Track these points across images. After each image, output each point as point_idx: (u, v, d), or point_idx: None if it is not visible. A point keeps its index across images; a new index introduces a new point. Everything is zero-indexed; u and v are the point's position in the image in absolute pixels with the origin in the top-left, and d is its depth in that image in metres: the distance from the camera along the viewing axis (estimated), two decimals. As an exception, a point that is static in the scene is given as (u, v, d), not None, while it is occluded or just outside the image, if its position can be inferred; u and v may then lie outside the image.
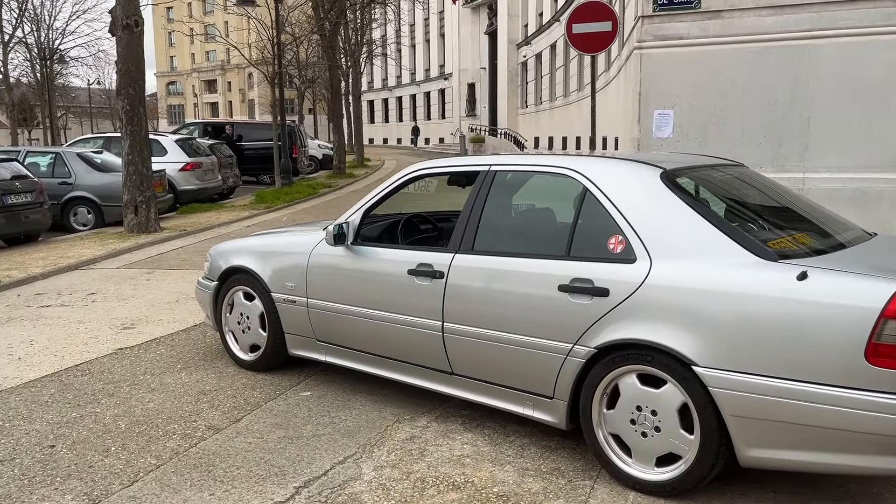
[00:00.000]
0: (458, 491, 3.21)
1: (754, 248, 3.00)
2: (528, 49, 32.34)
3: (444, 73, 51.96)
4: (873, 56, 7.60)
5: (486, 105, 43.64)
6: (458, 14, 46.23)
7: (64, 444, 3.76)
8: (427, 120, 54.99)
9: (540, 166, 3.76)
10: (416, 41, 56.32)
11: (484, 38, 44.02)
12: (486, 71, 43.94)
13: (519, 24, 35.13)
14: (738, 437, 2.91)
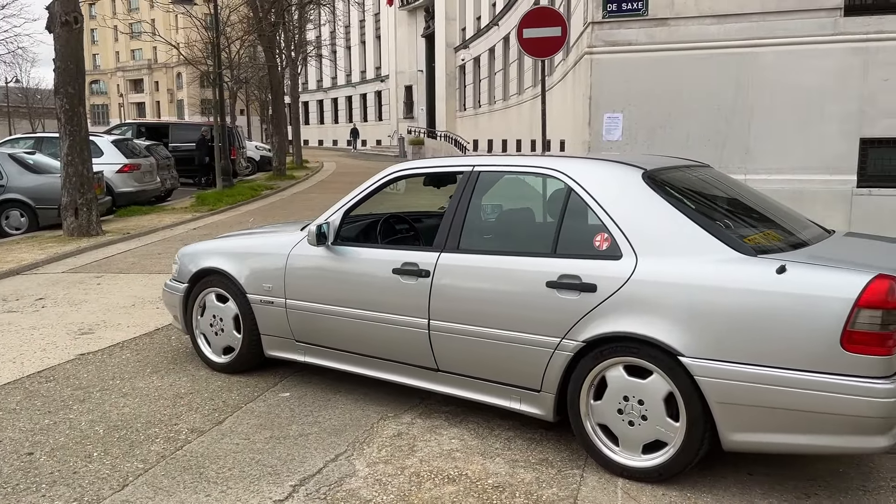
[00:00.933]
0: (454, 483, 3.29)
1: (734, 244, 3.19)
2: (466, 52, 32.60)
3: (381, 75, 51.81)
4: (809, 64, 8.05)
5: (424, 107, 43.73)
6: (394, 16, 46.22)
7: (42, 451, 3.66)
8: (364, 122, 54.73)
9: (523, 167, 3.88)
10: (351, 43, 55.99)
11: (421, 41, 44.09)
12: (423, 73, 44.03)
13: (456, 28, 35.36)
14: (723, 423, 3.08)
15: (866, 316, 2.81)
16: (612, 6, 8.60)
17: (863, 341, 2.82)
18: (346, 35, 56.07)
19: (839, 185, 8.07)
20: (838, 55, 7.96)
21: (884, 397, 2.80)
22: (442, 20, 36.10)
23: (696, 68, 8.36)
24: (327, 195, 17.77)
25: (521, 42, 9.70)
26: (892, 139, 7.93)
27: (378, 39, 52.57)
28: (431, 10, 41.00)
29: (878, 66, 7.84)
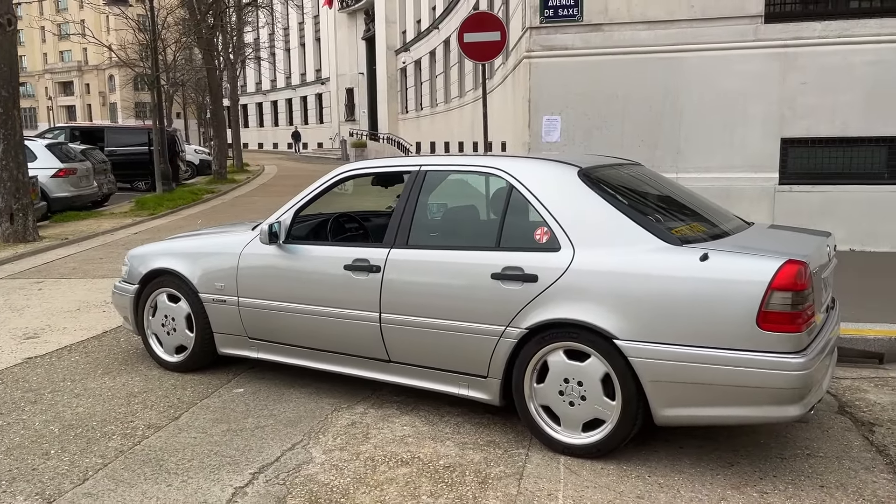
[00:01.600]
0: (407, 466, 3.47)
1: (662, 235, 3.46)
2: (407, 55, 32.80)
3: (321, 77, 51.57)
4: (733, 68, 8.51)
5: (366, 110, 43.76)
6: (333, 19, 46.08)
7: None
8: (305, 124, 54.35)
9: (468, 166, 4.09)
10: (290, 45, 55.54)
11: (362, 44, 44.11)
12: (364, 76, 44.06)
13: (397, 31, 35.53)
14: (655, 400, 3.35)
15: (778, 297, 3.11)
16: (548, 12, 8.91)
17: (776, 320, 3.12)
18: (286, 37, 55.62)
19: (763, 183, 8.55)
20: (759, 60, 8.44)
21: (796, 370, 3.11)
22: (382, 23, 36.21)
23: (629, 72, 8.74)
24: (270, 198, 17.73)
25: (462, 46, 9.93)
26: (810, 139, 8.45)
27: (318, 42, 52.32)
28: (371, 13, 41.08)
29: (796, 71, 8.34)
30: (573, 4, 8.83)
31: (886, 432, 3.84)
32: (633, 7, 8.65)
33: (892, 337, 5.19)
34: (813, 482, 3.29)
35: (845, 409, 4.19)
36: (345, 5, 45.24)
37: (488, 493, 3.20)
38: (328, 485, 3.29)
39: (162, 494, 3.22)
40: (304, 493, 3.21)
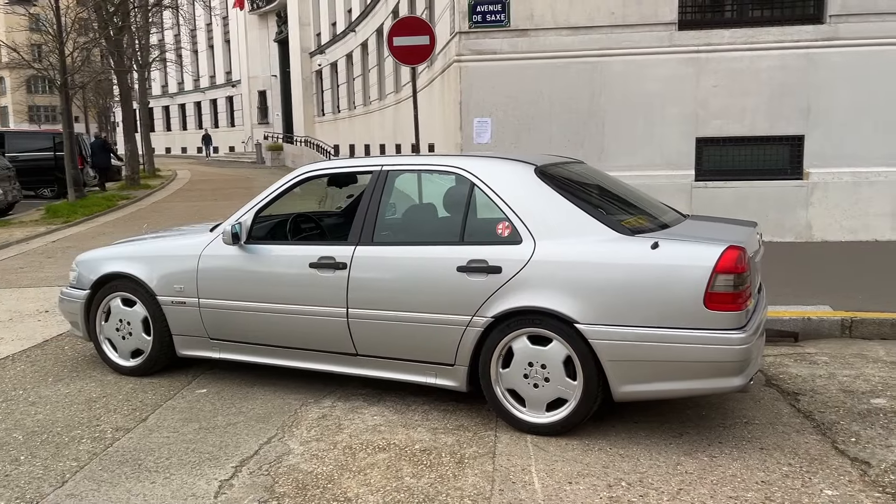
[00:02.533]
0: (384, 452, 3.64)
1: (615, 226, 3.76)
2: (322, 58, 32.52)
3: (232, 80, 50.45)
4: (651, 72, 9.02)
5: (280, 113, 43.09)
6: (244, 21, 45.22)
7: (-37, 460, 3.64)
8: (215, 128, 53.03)
9: (429, 165, 4.29)
10: (198, 47, 54.08)
11: (274, 46, 43.40)
12: (277, 78, 43.39)
13: (311, 33, 35.17)
14: (614, 378, 3.64)
15: (722, 280, 3.45)
16: (477, 17, 9.20)
17: (720, 300, 3.46)
18: (193, 39, 54.13)
19: (681, 180, 9.10)
20: (675, 64, 8.99)
21: (738, 345, 3.45)
22: (296, 25, 35.78)
23: (555, 75, 9.13)
24: (190, 203, 17.36)
25: (391, 50, 10.08)
26: (722, 138, 9.06)
27: (227, 44, 51.17)
28: (283, 15, 40.52)
29: (709, 74, 8.94)
30: (500, 10, 9.15)
31: (810, 400, 4.26)
32: (557, 14, 9.04)
33: (805, 317, 5.71)
34: (753, 445, 3.65)
35: (772, 381, 4.61)
36: (255, 7, 44.48)
37: (466, 471, 3.41)
38: (312, 473, 3.42)
39: (147, 491, 3.27)
40: (290, 482, 3.33)
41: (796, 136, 8.93)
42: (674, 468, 3.41)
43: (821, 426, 3.87)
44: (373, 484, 3.29)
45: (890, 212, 8.82)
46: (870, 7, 8.61)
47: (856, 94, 8.72)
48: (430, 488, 3.24)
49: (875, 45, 8.64)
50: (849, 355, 5.14)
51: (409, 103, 16.75)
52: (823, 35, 8.74)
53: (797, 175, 8.98)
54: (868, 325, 5.67)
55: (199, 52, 54.01)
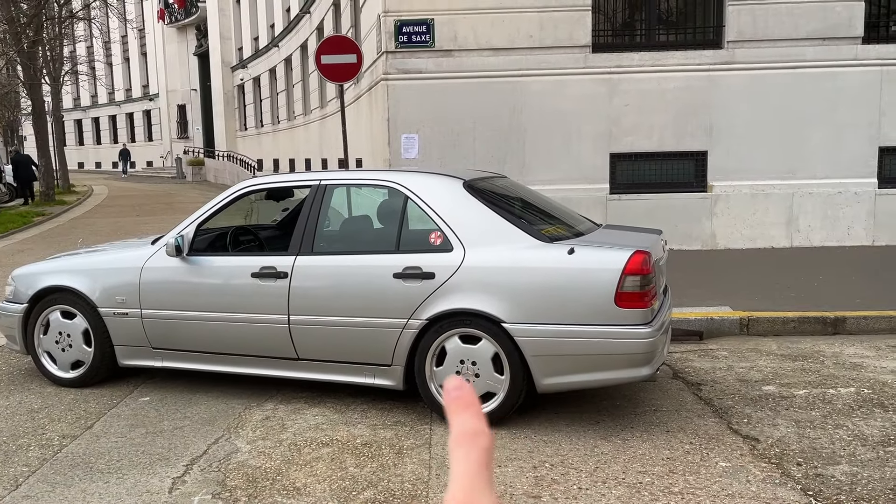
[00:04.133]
0: (328, 447, 3.90)
1: (536, 234, 4.15)
2: (244, 72, 32.32)
3: (149, 93, 49.33)
4: (567, 92, 9.58)
5: (201, 127, 42.39)
6: (162, 33, 44.37)
7: (-90, 471, 3.70)
8: (132, 142, 51.61)
9: (365, 180, 4.60)
10: (113, 60, 52.63)
11: (193, 59, 42.75)
12: (197, 92, 42.72)
13: (233, 47, 34.88)
14: (537, 372, 4.01)
15: (630, 280, 3.89)
16: (403, 38, 9.57)
17: (629, 299, 3.89)
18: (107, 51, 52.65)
19: (596, 193, 9.67)
20: (589, 85, 9.57)
21: (645, 338, 3.89)
22: (217, 39, 35.42)
23: (478, 94, 9.57)
24: (111, 219, 17.04)
25: (319, 68, 10.34)
26: (633, 154, 9.69)
27: (144, 56, 50.04)
28: (203, 29, 40.02)
29: (620, 94, 9.56)
30: (426, 32, 9.55)
31: (710, 389, 4.76)
32: (479, 36, 9.50)
33: (708, 317, 6.27)
34: (660, 429, 4.09)
35: (678, 374, 5.10)
36: (174, 20, 43.72)
37: (405, 460, 3.71)
38: (261, 468, 3.65)
39: (102, 490, 3.44)
40: (240, 476, 3.55)
41: (700, 152, 9.64)
42: (591, 450, 3.80)
43: (719, 410, 4.36)
44: (319, 475, 3.56)
45: (784, 221, 9.63)
46: (761, 34, 9.42)
47: (752, 114, 9.50)
48: (372, 476, 3.53)
49: (767, 69, 9.45)
50: (745, 350, 5.69)
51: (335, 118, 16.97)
52: (722, 59, 9.50)
53: (702, 188, 9.69)
54: (762, 323, 6.28)
55: (115, 64, 52.58)
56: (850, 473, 3.44)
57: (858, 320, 6.25)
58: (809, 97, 9.44)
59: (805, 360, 5.34)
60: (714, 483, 3.37)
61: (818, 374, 4.99)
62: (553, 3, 9.42)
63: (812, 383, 4.80)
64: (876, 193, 9.57)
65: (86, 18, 27.57)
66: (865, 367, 5.15)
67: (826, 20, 9.31)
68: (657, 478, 3.44)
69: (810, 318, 6.28)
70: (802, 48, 9.38)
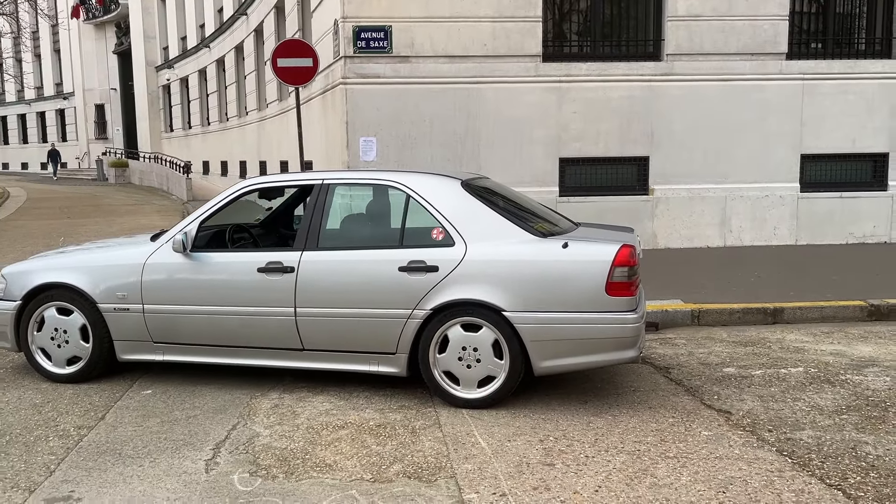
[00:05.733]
0: (344, 429, 4.16)
1: (530, 230, 4.52)
2: (171, 73, 31.63)
3: (64, 92, 47.49)
4: (519, 99, 10.04)
5: (121, 128, 41.17)
6: (78, 30, 42.79)
7: (-67, 463, 3.75)
8: (43, 143, 49.54)
9: (367, 179, 4.86)
10: (22, 57, 50.33)
11: (113, 58, 41.46)
12: (117, 92, 41.45)
13: (157, 46, 34.06)
14: (534, 355, 4.38)
15: (619, 271, 4.31)
16: (361, 43, 9.82)
17: (618, 288, 4.31)
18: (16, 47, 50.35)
19: (547, 195, 10.14)
20: (540, 92, 10.06)
21: (632, 323, 4.32)
22: (140, 38, 34.51)
23: (434, 100, 9.92)
24: (43, 222, 16.51)
25: (275, 70, 10.46)
26: (581, 158, 10.23)
27: (57, 53, 48.14)
28: (124, 26, 38.91)
29: (569, 102, 10.09)
30: (383, 38, 9.83)
31: (678, 372, 5.24)
32: (435, 43, 9.85)
33: (663, 310, 6.80)
34: (643, 406, 4.52)
35: (646, 360, 5.56)
36: (91, 16, 42.27)
37: (421, 437, 4.01)
38: (287, 448, 3.88)
39: (139, 473, 3.60)
40: (270, 456, 3.77)
41: (643, 157, 10.27)
42: (587, 425, 4.19)
43: (690, 390, 4.83)
44: (344, 452, 3.81)
45: (718, 222, 10.36)
46: (697, 48, 10.13)
47: (689, 122, 10.20)
48: (395, 452, 3.81)
49: (702, 81, 10.17)
50: (700, 338, 6.23)
51: (276, 121, 16.99)
52: (662, 71, 10.17)
53: (644, 191, 10.33)
54: (711, 314, 6.86)
55: (25, 61, 50.31)
56: (815, 437, 3.95)
57: (794, 310, 6.91)
58: (740, 108, 10.22)
59: (755, 346, 5.91)
60: (702, 448, 3.82)
61: (769, 357, 5.55)
62: (506, 13, 9.87)
63: (765, 364, 5.35)
64: (798, 197, 10.43)
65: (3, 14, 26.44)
66: (807, 350, 5.75)
67: (755, 37, 10.10)
68: (652, 446, 3.86)
69: (753, 309, 6.90)
70: (734, 62, 10.15)
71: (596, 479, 3.46)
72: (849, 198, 10.48)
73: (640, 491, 3.33)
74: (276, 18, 16.82)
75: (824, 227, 10.49)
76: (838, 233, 10.51)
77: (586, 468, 3.59)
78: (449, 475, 3.53)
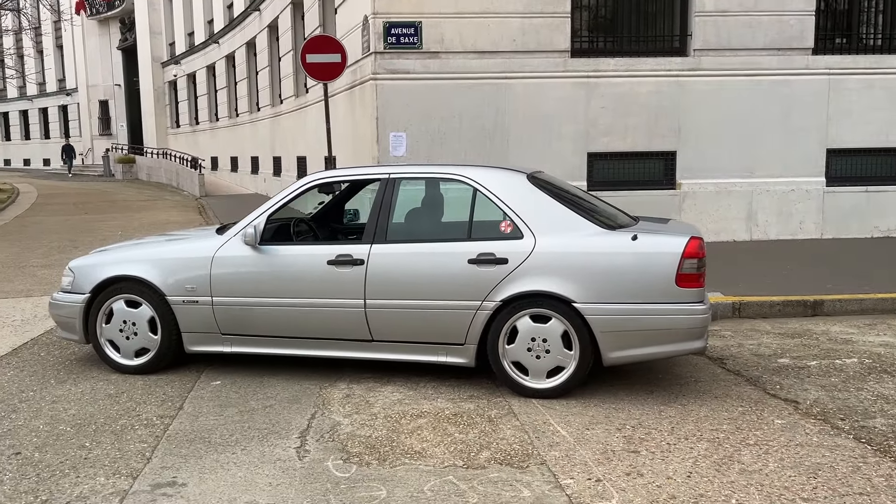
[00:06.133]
0: (422, 418, 4.24)
1: (598, 222, 4.61)
2: (178, 68, 31.63)
3: (66, 88, 47.41)
4: (548, 94, 10.11)
5: (125, 124, 41.18)
6: (82, 26, 42.69)
7: (28, 450, 3.82)
8: (46, 139, 49.52)
9: (433, 173, 4.94)
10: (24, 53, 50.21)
11: (117, 54, 41.44)
12: (122, 88, 41.44)
13: (163, 42, 34.04)
14: (604, 346, 4.46)
15: (688, 263, 4.39)
16: (391, 39, 9.88)
17: (687, 279, 4.39)
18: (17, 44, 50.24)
19: (576, 190, 10.22)
20: (569, 88, 10.14)
21: (701, 314, 4.40)
22: (146, 34, 34.50)
23: (463, 95, 9.99)
24: (60, 217, 16.55)
25: (305, 66, 10.55)
26: (609, 153, 10.32)
27: (60, 49, 48.05)
28: (128, 22, 38.90)
29: (597, 97, 10.16)
30: (413, 34, 9.89)
31: (733, 363, 5.33)
32: (465, 38, 9.92)
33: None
34: (709, 395, 4.61)
35: (698, 351, 5.64)
36: (95, 12, 42.19)
37: (500, 426, 4.09)
38: (371, 436, 3.96)
39: (235, 460, 3.68)
40: (358, 444, 3.85)
41: (670, 152, 10.36)
42: (659, 414, 4.28)
43: (750, 380, 4.92)
44: (430, 440, 3.89)
45: (744, 216, 10.46)
46: (724, 44, 10.21)
47: (716, 117, 10.28)
48: (480, 440, 3.90)
49: (729, 76, 10.25)
50: (745, 330, 6.32)
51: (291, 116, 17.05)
52: (689, 66, 10.24)
53: (671, 185, 10.42)
54: (752, 306, 6.95)
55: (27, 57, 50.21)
56: (889, 424, 4.05)
57: (834, 303, 7.00)
58: (766, 102, 10.30)
59: (802, 338, 6.00)
60: (780, 436, 3.90)
61: (819, 349, 5.65)
62: (534, 8, 9.94)
63: (818, 356, 5.45)
64: (824, 191, 10.53)
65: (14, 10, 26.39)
66: (855, 342, 5.84)
67: (781, 32, 10.18)
68: (729, 434, 3.95)
69: (793, 302, 7.00)
70: (760, 57, 10.23)
71: (685, 465, 3.55)
72: (874, 192, 10.57)
73: (731, 476, 3.42)
74: (293, 14, 16.86)
75: (849, 221, 10.58)
76: (863, 227, 10.60)
77: (672, 455, 3.68)
78: (539, 461, 3.61)
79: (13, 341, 5.99)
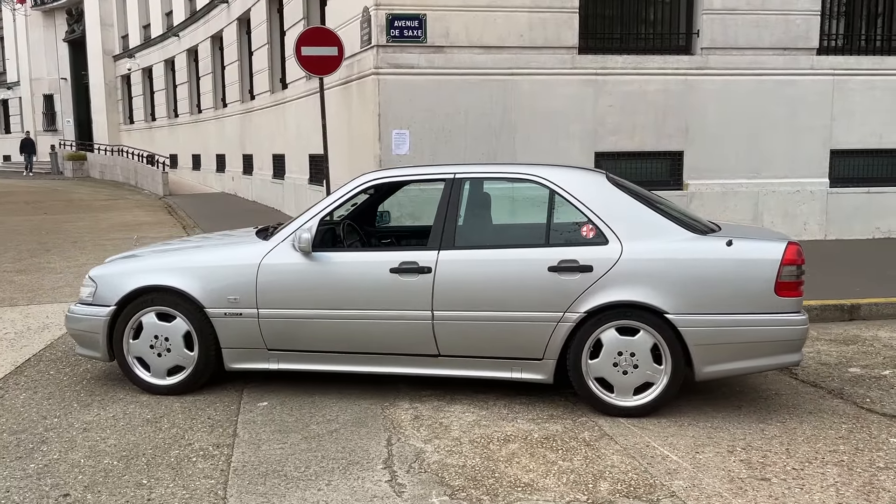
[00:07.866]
0: (512, 442, 3.84)
1: (688, 227, 4.28)
2: (132, 62, 30.36)
3: (7, 81, 45.33)
4: (555, 91, 9.81)
5: (72, 119, 39.50)
6: (25, 16, 40.80)
7: (76, 491, 3.30)
8: (-15, 134, 47.23)
9: (504, 173, 4.54)
10: (-38, 43, 47.81)
11: (64, 46, 39.72)
12: (68, 82, 39.76)
13: (115, 35, 32.67)
14: (698, 360, 4.14)
15: (787, 270, 4.10)
16: (394, 32, 9.43)
17: (787, 288, 4.10)
18: (-46, 33, 47.82)
19: (583, 190, 9.94)
20: (576, 85, 9.85)
21: (801, 325, 4.12)
22: (96, 26, 33.07)
23: (469, 91, 9.60)
24: (21, 217, 15.56)
25: (300, 59, 9.99)
26: (616, 153, 10.07)
27: (0, 41, 45.92)
28: (76, 13, 37.34)
29: (605, 95, 9.90)
30: (417, 27, 9.46)
31: (804, 374, 5.08)
32: (471, 33, 9.54)
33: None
34: (801, 410, 4.33)
35: (759, 360, 5.38)
36: (40, 2, 40.38)
37: (601, 451, 3.73)
38: (466, 465, 3.55)
39: (323, 498, 3.23)
40: (455, 475, 3.44)
41: (677, 152, 10.17)
42: (762, 433, 3.98)
43: (833, 392, 4.67)
44: (533, 469, 3.51)
45: (751, 217, 10.33)
46: (731, 42, 10.07)
47: (722, 117, 10.13)
48: (588, 467, 3.53)
49: (736, 75, 10.11)
50: (793, 336, 6.09)
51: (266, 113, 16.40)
52: (697, 64, 10.07)
53: (678, 186, 10.23)
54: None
55: (-35, 48, 47.80)
56: None
57: (871, 306, 6.86)
58: (772, 103, 10.20)
59: (856, 344, 5.81)
60: (905, 456, 3.65)
61: (883, 356, 5.45)
62: (542, 3, 9.62)
63: (886, 364, 5.24)
64: (828, 192, 10.49)
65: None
66: (912, 348, 5.68)
67: (787, 31, 10.09)
68: (853, 455, 3.67)
69: (830, 306, 6.82)
70: (766, 57, 10.12)
71: (827, 495, 3.25)
72: (876, 193, 10.58)
73: (885, 506, 3.14)
74: (269, 6, 16.18)
75: (852, 222, 10.57)
76: (865, 227, 10.60)
77: (806, 483, 3.37)
78: (667, 493, 3.27)
79: (13, 358, 5.37)
